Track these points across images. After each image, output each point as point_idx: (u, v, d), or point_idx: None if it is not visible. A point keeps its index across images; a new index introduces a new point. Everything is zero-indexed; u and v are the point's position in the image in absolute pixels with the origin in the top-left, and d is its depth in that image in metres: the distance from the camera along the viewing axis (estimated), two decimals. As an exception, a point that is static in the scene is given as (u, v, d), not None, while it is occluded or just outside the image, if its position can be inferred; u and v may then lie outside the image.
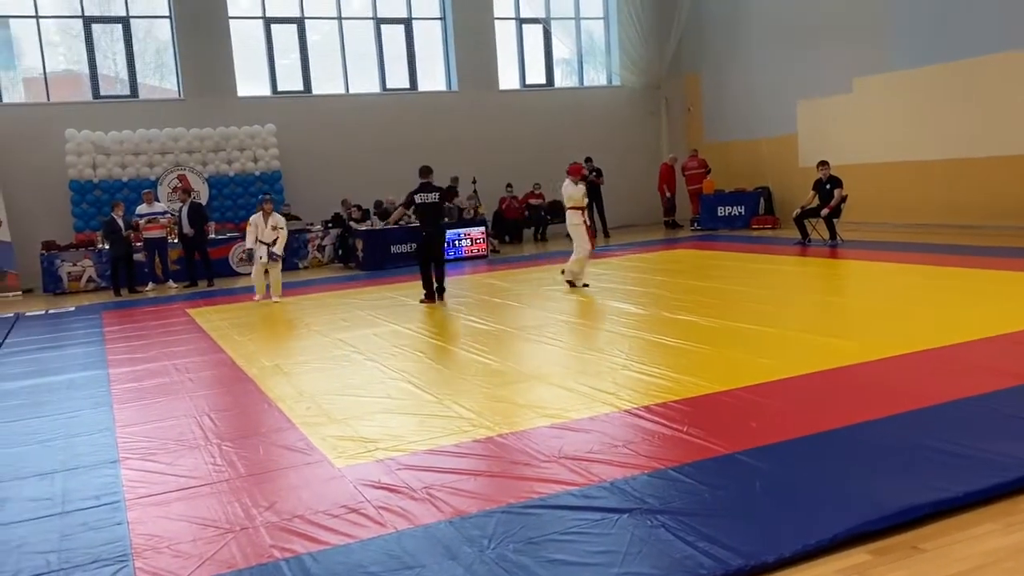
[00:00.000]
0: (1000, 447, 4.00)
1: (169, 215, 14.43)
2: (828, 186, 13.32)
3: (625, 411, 5.09)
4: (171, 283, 14.10)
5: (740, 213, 17.57)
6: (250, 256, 12.06)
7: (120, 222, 13.32)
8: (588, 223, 10.53)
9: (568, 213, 10.63)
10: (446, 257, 10.66)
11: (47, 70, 15.97)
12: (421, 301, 10.03)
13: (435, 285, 10.12)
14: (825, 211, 13.24)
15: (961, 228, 13.67)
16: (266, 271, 11.29)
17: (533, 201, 18.32)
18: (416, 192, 9.96)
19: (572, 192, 10.48)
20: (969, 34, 13.64)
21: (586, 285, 10.40)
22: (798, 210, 13.80)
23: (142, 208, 14.03)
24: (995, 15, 13.25)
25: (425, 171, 10.10)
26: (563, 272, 10.62)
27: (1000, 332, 6.43)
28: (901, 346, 6.19)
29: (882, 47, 15.20)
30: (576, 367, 6.35)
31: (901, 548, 3.22)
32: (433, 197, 9.96)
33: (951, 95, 14.06)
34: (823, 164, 13.49)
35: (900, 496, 3.52)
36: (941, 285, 8.94)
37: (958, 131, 14.00)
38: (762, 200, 17.61)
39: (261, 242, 11.10)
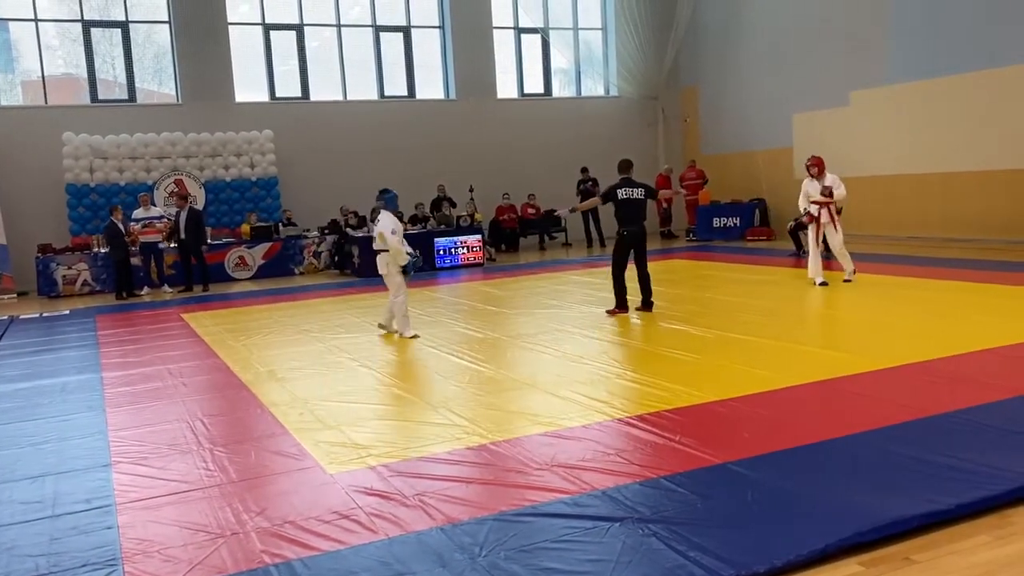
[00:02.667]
0: (992, 459, 4.01)
1: (165, 219, 14.42)
2: (824, 198, 13.33)
3: (618, 420, 5.09)
4: (166, 288, 14.08)
5: (736, 224, 17.62)
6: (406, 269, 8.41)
7: (121, 226, 13.34)
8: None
9: None
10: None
11: (45, 73, 15.98)
12: (610, 312, 8.90)
13: (644, 295, 8.98)
14: (820, 223, 13.24)
15: (957, 241, 13.72)
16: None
17: (529, 212, 18.31)
18: (618, 187, 8.80)
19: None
20: (966, 48, 13.71)
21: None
22: (792, 222, 13.82)
23: (139, 212, 14.05)
24: (992, 30, 13.32)
25: (626, 165, 8.98)
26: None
27: (994, 345, 6.45)
28: (895, 358, 6.21)
29: (879, 60, 15.27)
30: (570, 375, 6.35)
31: (892, 559, 3.22)
32: (639, 193, 8.80)
33: (948, 109, 14.12)
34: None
35: (892, 507, 3.53)
36: (935, 298, 8.96)
37: (955, 145, 14.06)
38: (757, 212, 17.68)
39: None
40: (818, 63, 16.50)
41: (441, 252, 15.17)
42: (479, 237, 15.77)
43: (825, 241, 13.33)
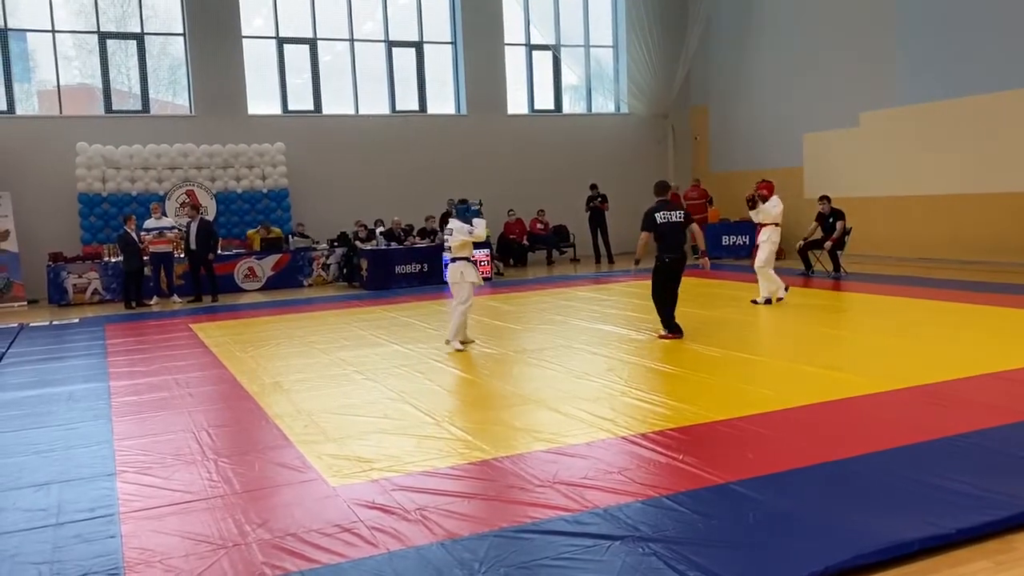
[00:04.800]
0: (994, 484, 3.99)
1: (177, 230, 14.52)
2: (831, 219, 13.37)
3: (622, 438, 5.09)
4: (175, 298, 14.15)
5: (744, 243, 17.62)
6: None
7: (134, 235, 13.45)
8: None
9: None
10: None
11: (61, 83, 16.14)
12: (662, 337, 8.47)
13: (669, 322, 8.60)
14: (829, 243, 13.27)
15: (965, 264, 13.68)
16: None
17: (538, 227, 18.34)
18: (655, 210, 8.42)
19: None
20: (976, 71, 13.72)
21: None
22: (801, 242, 13.85)
23: (150, 222, 14.14)
24: (1002, 53, 13.33)
25: (663, 187, 8.64)
26: None
27: (999, 369, 6.43)
28: (900, 380, 6.19)
29: (889, 82, 15.29)
30: (574, 392, 6.35)
31: (893, 583, 3.22)
32: (677, 216, 8.45)
33: (957, 131, 14.12)
34: (824, 199, 13.56)
35: (893, 531, 3.52)
36: (943, 320, 8.93)
37: (963, 167, 14.04)
38: (766, 231, 17.64)
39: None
40: (828, 83, 16.54)
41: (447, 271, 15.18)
42: (487, 252, 15.79)
43: (836, 257, 13.38)
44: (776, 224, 10.76)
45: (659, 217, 8.38)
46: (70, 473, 4.90)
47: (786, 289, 10.70)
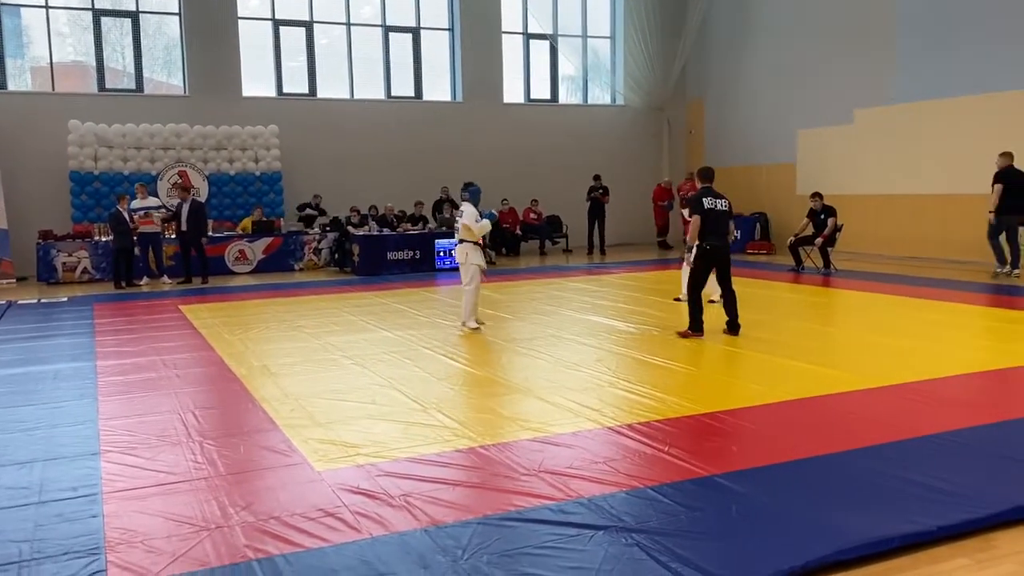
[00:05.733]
0: (977, 483, 4.02)
1: (164, 209, 14.44)
2: (823, 216, 13.40)
3: (608, 428, 5.10)
4: (165, 279, 14.09)
5: (736, 237, 17.58)
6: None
7: (126, 215, 13.38)
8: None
9: None
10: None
11: (54, 60, 16.01)
12: (683, 335, 8.09)
13: (731, 316, 8.28)
14: (820, 240, 13.31)
15: (954, 263, 13.73)
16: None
17: (531, 217, 18.33)
18: (703, 195, 8.03)
19: None
20: (971, 71, 13.74)
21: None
22: (793, 238, 13.88)
23: (135, 203, 14.03)
24: (997, 53, 13.35)
25: (708, 173, 8.31)
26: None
27: (985, 368, 6.46)
28: (886, 378, 6.21)
29: (884, 80, 15.30)
30: (563, 382, 6.36)
31: (873, 578, 3.23)
32: (724, 204, 8.05)
33: (950, 131, 14.15)
34: (816, 195, 13.59)
35: (875, 527, 3.53)
36: (929, 319, 8.97)
37: (955, 167, 14.08)
38: (758, 226, 17.72)
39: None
40: (823, 80, 16.55)
41: (441, 254, 15.19)
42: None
43: (826, 254, 13.36)
44: None
45: (707, 202, 7.97)
46: (54, 452, 4.87)
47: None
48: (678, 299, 10.24)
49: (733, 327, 8.19)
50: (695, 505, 3.85)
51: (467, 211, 8.62)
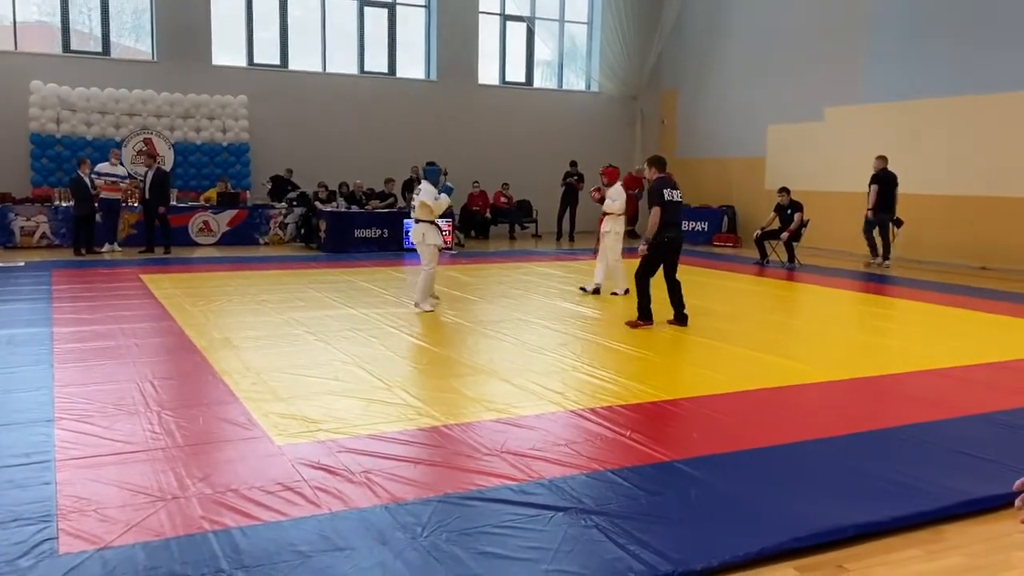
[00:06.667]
0: (931, 476, 4.09)
1: (130, 179, 14.15)
2: (789, 211, 13.53)
3: (571, 411, 5.12)
4: (115, 247, 13.80)
5: (703, 229, 17.78)
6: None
7: (87, 180, 13.09)
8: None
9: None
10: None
11: (17, 19, 15.56)
12: (633, 325, 7.95)
13: (678, 308, 8.17)
14: (785, 234, 13.44)
15: (916, 263, 13.96)
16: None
17: (501, 201, 18.27)
18: (663, 187, 7.83)
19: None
20: (942, 73, 13.93)
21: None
22: (759, 231, 14.00)
23: (103, 166, 13.71)
24: (969, 56, 13.54)
25: (663, 162, 8.16)
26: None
27: (944, 366, 6.58)
28: (847, 371, 6.31)
29: (856, 79, 15.46)
30: (527, 365, 6.36)
31: (827, 567, 3.28)
32: (679, 195, 7.99)
33: (919, 132, 14.35)
34: (783, 191, 13.73)
35: (830, 516, 3.59)
36: (890, 315, 9.13)
37: (922, 167, 14.28)
38: (726, 218, 17.84)
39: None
40: (796, 77, 16.67)
41: (409, 233, 15.07)
42: (449, 222, 15.69)
43: (791, 248, 13.51)
44: (620, 215, 10.01)
45: (667, 194, 7.81)
46: (6, 418, 4.77)
47: (596, 291, 10.00)
48: (583, 289, 10.09)
49: (680, 318, 8.12)
50: (655, 489, 3.87)
51: (425, 189, 8.56)
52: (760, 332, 8.01)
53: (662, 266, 8.06)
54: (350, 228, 14.78)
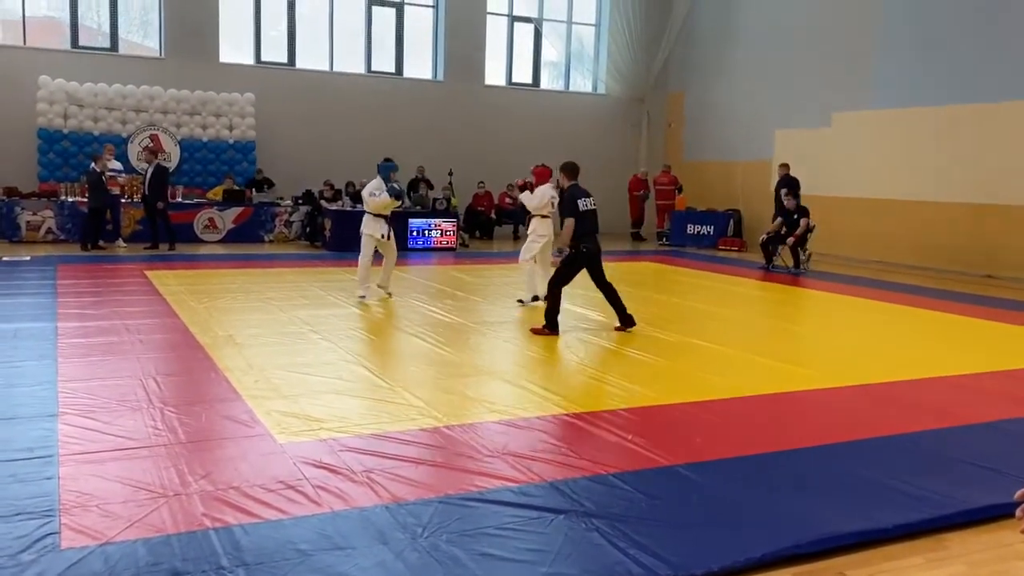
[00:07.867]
0: (934, 484, 4.08)
1: (125, 175, 14.20)
2: (796, 216, 13.51)
3: (573, 414, 5.11)
4: (121, 243, 13.85)
5: (709, 232, 17.77)
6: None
7: (103, 174, 13.15)
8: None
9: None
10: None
11: (27, 14, 15.60)
12: (536, 332, 7.62)
13: (621, 312, 7.92)
14: (791, 239, 13.42)
15: (924, 270, 13.92)
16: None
17: (506, 202, 18.26)
18: (576, 196, 7.63)
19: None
20: (950, 81, 13.89)
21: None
22: (764, 235, 13.98)
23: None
24: (977, 65, 13.50)
25: (574, 169, 7.94)
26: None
27: (946, 374, 6.56)
28: (850, 377, 6.30)
29: (863, 85, 15.42)
30: (530, 367, 6.36)
31: (827, 573, 3.28)
32: (593, 203, 7.73)
33: (925, 139, 14.31)
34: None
35: (832, 522, 3.58)
36: (896, 322, 9.10)
37: (927, 175, 14.26)
38: (731, 222, 17.83)
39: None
40: (804, 82, 16.65)
41: (415, 233, 15.10)
42: (454, 222, 15.71)
43: (797, 253, 13.53)
44: (544, 216, 9.26)
45: (581, 204, 7.59)
46: (10, 412, 4.78)
47: (534, 299, 9.26)
48: (520, 301, 9.38)
49: (626, 321, 7.89)
50: (656, 493, 3.87)
51: (370, 184, 9.13)
52: (764, 337, 8.00)
53: (590, 276, 7.82)
54: (355, 227, 14.70)
